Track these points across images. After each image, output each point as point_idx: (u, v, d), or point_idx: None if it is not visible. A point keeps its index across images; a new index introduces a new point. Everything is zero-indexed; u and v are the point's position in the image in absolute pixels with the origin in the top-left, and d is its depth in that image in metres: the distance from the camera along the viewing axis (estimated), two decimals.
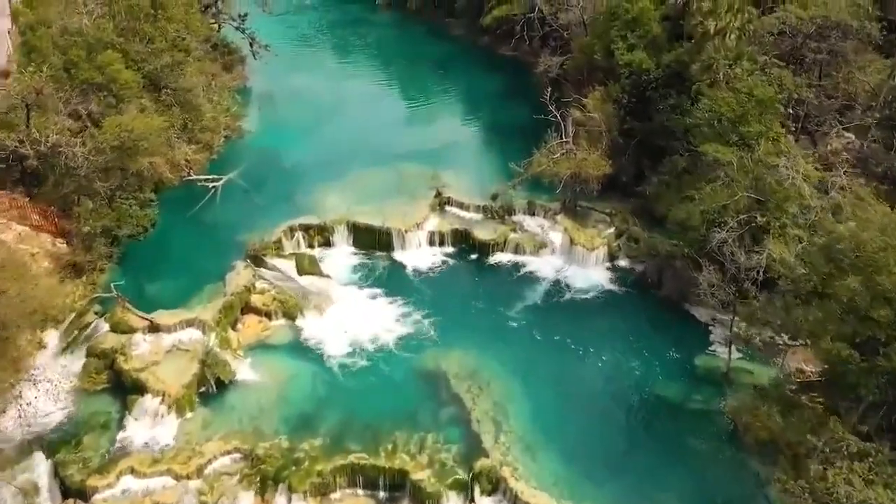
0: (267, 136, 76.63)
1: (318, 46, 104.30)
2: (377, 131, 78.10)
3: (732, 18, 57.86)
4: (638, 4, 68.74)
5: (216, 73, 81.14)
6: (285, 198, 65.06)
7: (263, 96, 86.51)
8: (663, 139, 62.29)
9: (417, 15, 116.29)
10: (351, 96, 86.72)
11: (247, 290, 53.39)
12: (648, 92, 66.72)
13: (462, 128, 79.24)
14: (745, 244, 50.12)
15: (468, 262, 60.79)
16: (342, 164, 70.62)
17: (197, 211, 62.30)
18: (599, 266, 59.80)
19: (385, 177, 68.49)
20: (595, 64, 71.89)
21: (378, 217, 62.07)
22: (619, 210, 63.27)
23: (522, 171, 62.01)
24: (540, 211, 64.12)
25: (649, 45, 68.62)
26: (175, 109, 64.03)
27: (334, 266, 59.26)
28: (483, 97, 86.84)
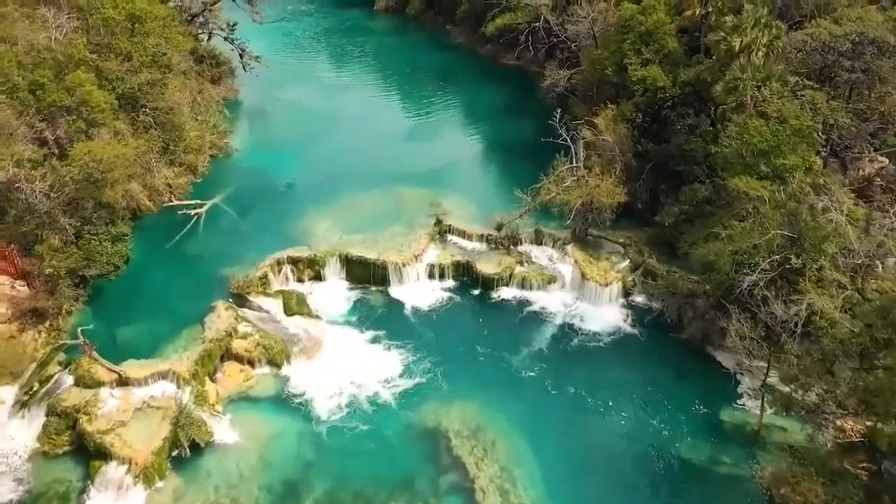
0: (256, 155, 71.09)
1: (313, 55, 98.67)
2: (374, 149, 72.54)
3: (759, 34, 52.23)
4: (652, 17, 63.22)
5: (203, 88, 75.72)
6: (273, 225, 59.62)
7: (254, 110, 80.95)
8: (681, 163, 56.76)
9: (416, 21, 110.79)
10: (347, 109, 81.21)
11: (228, 334, 47.91)
12: (664, 111, 61.27)
13: (464, 145, 73.58)
14: (778, 287, 44.75)
15: (470, 298, 55.24)
16: (336, 185, 65.19)
17: (177, 241, 56.95)
18: (613, 303, 54.27)
19: (381, 201, 62.99)
20: (606, 79, 66.34)
21: (373, 248, 56.57)
22: (633, 240, 57.68)
23: (529, 201, 56.34)
24: (548, 240, 58.57)
25: (665, 61, 63.17)
26: (154, 131, 58.47)
27: (325, 303, 53.72)
28: (486, 111, 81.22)
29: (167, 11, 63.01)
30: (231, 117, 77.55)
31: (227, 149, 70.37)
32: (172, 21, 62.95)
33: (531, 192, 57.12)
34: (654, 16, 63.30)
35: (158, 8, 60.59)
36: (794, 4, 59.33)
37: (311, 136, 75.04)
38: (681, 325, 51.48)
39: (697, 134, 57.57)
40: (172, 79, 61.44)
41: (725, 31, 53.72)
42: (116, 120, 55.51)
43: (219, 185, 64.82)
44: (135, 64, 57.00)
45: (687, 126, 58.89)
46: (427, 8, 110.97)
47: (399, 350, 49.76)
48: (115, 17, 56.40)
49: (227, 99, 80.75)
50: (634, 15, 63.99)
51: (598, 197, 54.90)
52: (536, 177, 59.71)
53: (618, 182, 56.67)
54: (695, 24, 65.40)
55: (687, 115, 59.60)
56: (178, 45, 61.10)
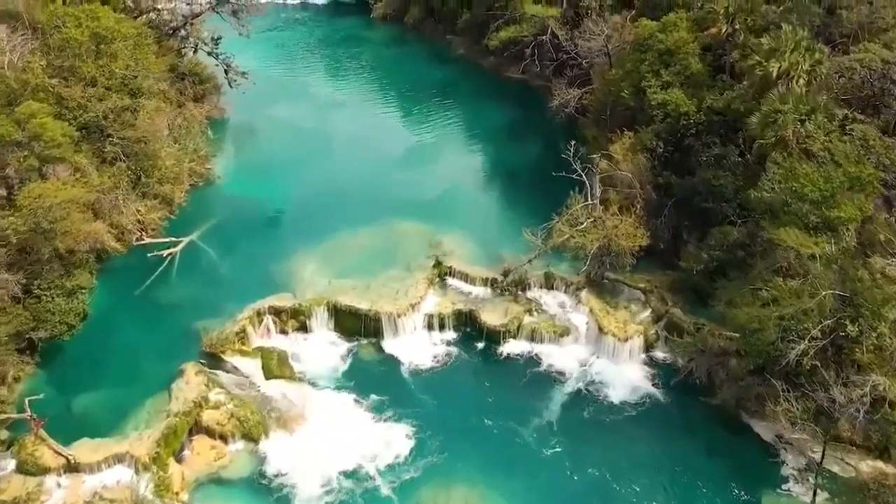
0: (240, 182, 64.38)
1: (306, 68, 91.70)
2: (369, 174, 65.83)
3: (800, 59, 45.51)
4: (673, 35, 56.54)
5: (184, 107, 69.00)
6: (256, 266, 53.01)
7: (241, 130, 74.06)
8: (709, 200, 50.22)
9: (415, 31, 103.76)
10: (341, 129, 74.37)
11: (197, 405, 41.28)
12: (688, 139, 54.66)
13: (466, 171, 66.80)
14: (829, 357, 38.25)
15: (474, 353, 48.63)
16: (326, 218, 58.57)
17: (147, 287, 50.35)
18: (634, 360, 47.68)
19: (375, 237, 56.36)
20: (621, 102, 59.60)
21: (365, 295, 49.95)
22: (654, 284, 51.02)
23: (540, 244, 49.61)
24: (559, 284, 51.92)
25: (687, 83, 56.56)
26: (122, 163, 51.77)
27: (310, 361, 47.18)
28: (489, 131, 74.50)
29: (139, 29, 56.17)
30: (215, 138, 70.81)
31: (209, 176, 63.69)
32: (145, 40, 56.05)
33: (542, 232, 50.38)
34: (675, 34, 56.72)
35: (127, 26, 53.84)
36: (835, 23, 52.51)
37: (301, 159, 68.33)
38: (711, 388, 44.85)
39: (726, 167, 51.01)
40: (145, 103, 54.57)
41: (761, 55, 47.01)
42: (78, 153, 48.87)
43: (197, 218, 58.17)
44: (99, 90, 50.19)
45: (713, 157, 52.42)
46: (427, 16, 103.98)
47: (393, 420, 43.20)
48: (78, 38, 49.63)
49: (211, 118, 74.03)
50: (653, 33, 57.38)
51: (616, 240, 48.23)
52: (546, 209, 53.60)
53: (638, 221, 50.07)
54: (718, 42, 58.78)
55: (713, 145, 53.11)
56: (150, 67, 54.13)
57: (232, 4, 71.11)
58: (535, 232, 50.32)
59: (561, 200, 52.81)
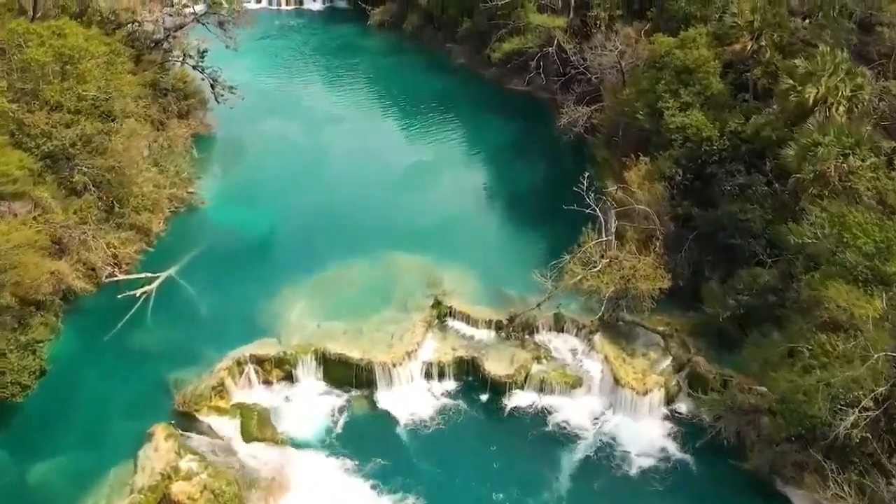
0: (225, 208, 59.23)
1: (299, 80, 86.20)
2: (364, 199, 60.60)
3: (840, 84, 40.31)
4: (693, 52, 51.29)
5: (167, 126, 63.83)
6: (238, 306, 48.00)
7: (229, 149, 68.64)
8: (734, 235, 45.06)
9: (414, 39, 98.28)
10: (335, 147, 69.20)
11: (166, 476, 36.14)
12: (710, 167, 49.52)
13: (468, 196, 61.54)
14: (882, 429, 33.20)
15: (477, 406, 43.52)
16: (317, 249, 53.57)
17: (118, 332, 45.29)
18: (654, 415, 42.59)
19: (369, 272, 51.34)
20: (636, 124, 54.41)
21: (357, 341, 44.94)
22: (674, 327, 45.90)
23: (550, 286, 44.42)
24: (570, 326, 46.81)
25: (708, 104, 51.42)
26: (90, 195, 46.62)
27: (295, 418, 42.04)
28: (493, 150, 69.32)
29: (111, 46, 50.91)
30: (200, 157, 65.59)
31: (192, 201, 58.58)
32: (118, 57, 50.81)
33: (552, 272, 45.13)
34: (694, 51, 51.49)
35: (97, 44, 48.56)
36: (873, 41, 47.28)
37: (292, 180, 63.21)
38: (741, 449, 39.80)
39: (753, 198, 45.90)
40: (118, 127, 49.36)
41: (795, 79, 41.78)
42: (40, 185, 43.72)
43: (177, 249, 53.04)
44: (65, 115, 45.03)
45: (737, 186, 47.32)
46: (426, 24, 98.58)
47: (388, 490, 38.12)
48: (40, 59, 44.43)
49: (198, 135, 68.83)
50: (671, 50, 52.10)
51: (634, 282, 43.11)
52: (555, 239, 49.45)
53: (658, 260, 44.90)
54: (741, 59, 53.64)
55: (737, 173, 48.06)
56: (124, 87, 48.88)
57: (218, 15, 65.74)
58: (545, 272, 44.97)
59: (571, 230, 47.81)
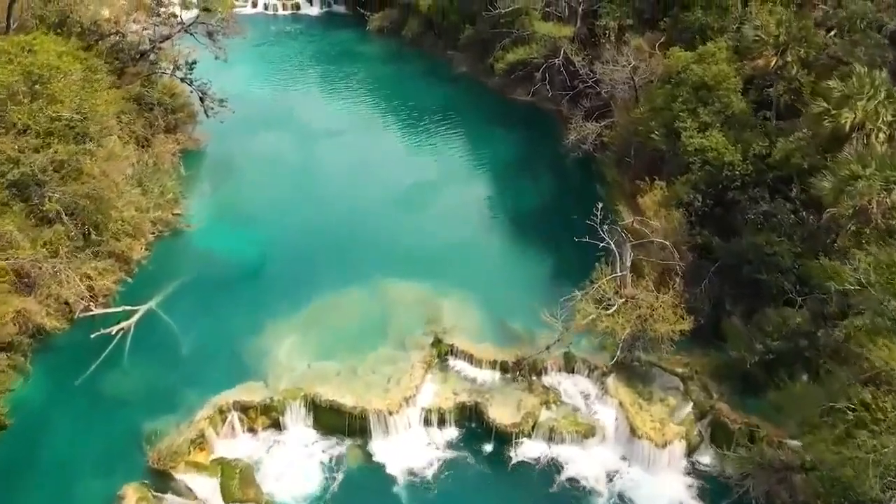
0: (213, 231, 55.24)
1: (296, 89, 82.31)
2: (360, 221, 56.66)
3: (882, 109, 36.31)
4: (712, 68, 47.28)
5: (152, 141, 59.90)
6: (223, 343, 44.21)
7: (218, 165, 64.71)
8: (760, 269, 41.11)
9: (414, 46, 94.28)
10: (330, 164, 65.41)
11: None
12: (731, 192, 45.53)
13: (470, 218, 57.50)
14: None
15: (481, 457, 39.60)
16: (309, 277, 49.66)
17: (91, 375, 41.48)
18: (675, 469, 38.72)
19: (364, 304, 47.54)
20: (650, 144, 50.41)
21: (350, 384, 41.16)
22: (695, 369, 41.94)
23: (561, 329, 40.42)
24: (581, 367, 42.85)
25: (728, 123, 47.43)
26: (62, 226, 42.70)
27: (281, 474, 38.10)
28: (496, 166, 65.37)
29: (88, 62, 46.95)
30: (188, 175, 61.60)
31: (177, 224, 54.60)
32: (95, 74, 46.82)
33: (561, 308, 41.11)
34: (713, 67, 47.45)
35: (71, 61, 44.62)
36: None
37: (284, 199, 59.34)
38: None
39: (779, 228, 41.99)
40: (95, 148, 45.46)
41: (830, 102, 37.78)
42: (5, 216, 39.77)
43: (159, 279, 49.13)
44: (33, 139, 41.10)
45: (762, 214, 43.39)
46: (426, 30, 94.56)
47: None
48: (5, 79, 40.44)
49: (186, 150, 64.88)
50: (688, 65, 48.07)
51: (651, 323, 39.14)
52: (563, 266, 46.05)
53: (678, 298, 40.90)
54: (763, 75, 49.63)
55: (761, 200, 44.05)
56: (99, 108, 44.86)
57: (207, 25, 61.71)
58: (554, 311, 40.91)
59: (581, 255, 44.34)
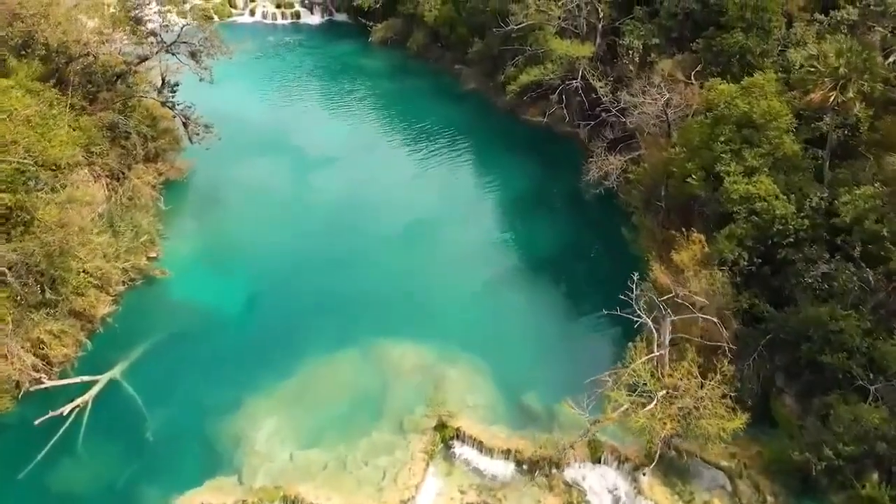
0: (191, 279, 48.70)
1: (292, 108, 75.64)
2: (355, 265, 50.20)
3: None
4: (760, 103, 40.36)
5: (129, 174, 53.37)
6: (194, 423, 37.97)
7: (202, 198, 58.20)
8: (822, 349, 34.35)
9: (420, 59, 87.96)
10: (326, 196, 58.92)
11: None
12: (784, 250, 38.66)
13: (479, 262, 50.71)
14: None
15: None
16: (296, 338, 43.40)
17: (37, 466, 35.08)
18: None
19: (356, 372, 41.30)
20: (686, 188, 43.55)
21: (339, 478, 34.94)
22: (742, 460, 35.26)
23: (588, 424, 33.70)
24: (610, 458, 36.14)
25: (778, 167, 40.62)
26: (8, 286, 36.20)
27: None
28: (510, 200, 58.91)
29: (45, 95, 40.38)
30: (168, 210, 55.10)
31: (152, 271, 48.06)
32: (52, 108, 40.25)
33: (589, 397, 34.29)
34: (762, 102, 40.50)
35: (19, 99, 38.02)
36: None
37: (273, 241, 52.83)
38: None
39: (842, 295, 35.28)
40: (47, 194, 38.93)
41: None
42: None
43: (126, 340, 42.74)
44: None
45: (820, 276, 36.61)
46: (432, 42, 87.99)
47: None
48: None
49: (170, 181, 58.42)
50: (733, 99, 41.15)
51: (698, 424, 32.37)
52: (587, 326, 39.40)
53: (727, 383, 34.06)
54: (816, 109, 42.73)
55: (819, 259, 37.29)
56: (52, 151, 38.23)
57: (189, 45, 55.05)
58: (580, 397, 34.18)
59: (609, 317, 37.58)
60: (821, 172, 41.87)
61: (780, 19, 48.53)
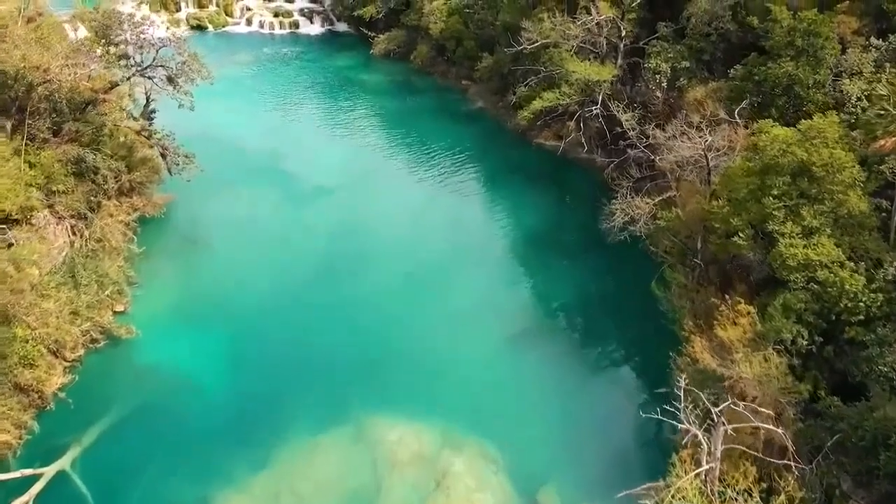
0: (162, 339, 42.32)
1: (287, 128, 69.43)
2: (348, 321, 43.82)
3: None
4: (822, 151, 33.78)
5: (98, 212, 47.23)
6: None
7: (181, 239, 51.68)
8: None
9: (424, 73, 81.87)
10: (318, 234, 52.67)
11: None
12: (852, 329, 32.14)
13: (489, 318, 44.15)
14: None
15: None
16: (277, 416, 37.24)
17: None
18: None
19: (345, 466, 35.14)
20: (732, 247, 36.98)
21: None
22: None
23: None
24: None
25: (842, 227, 34.09)
26: None
27: None
28: (522, 240, 52.68)
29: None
30: (142, 254, 48.71)
31: (117, 330, 41.73)
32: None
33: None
34: (823, 150, 33.89)
35: None
36: None
37: (257, 289, 46.49)
38: None
39: None
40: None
41: None
42: None
43: (82, 417, 36.49)
44: None
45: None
46: (437, 56, 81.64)
47: None
48: None
49: (146, 217, 52.17)
50: (789, 146, 34.56)
51: None
52: (620, 406, 34.25)
53: None
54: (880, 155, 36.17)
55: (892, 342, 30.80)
56: None
57: (166, 69, 48.72)
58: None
59: (643, 399, 31.48)
60: (887, 229, 35.35)
61: (836, 46, 41.93)
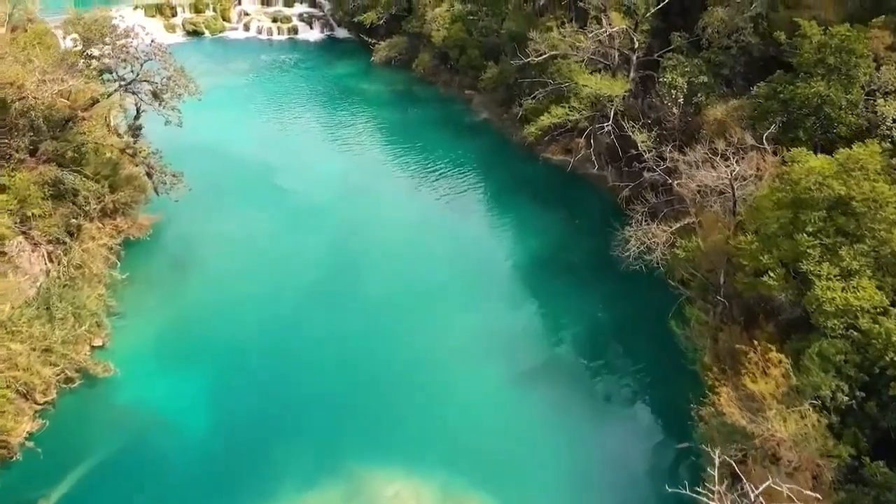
0: (143, 378, 39.10)
1: (283, 141, 66.20)
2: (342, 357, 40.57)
3: None
4: (863, 185, 30.39)
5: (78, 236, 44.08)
6: None
7: (167, 264, 48.32)
8: None
9: (426, 82, 78.58)
10: (312, 257, 49.40)
11: None
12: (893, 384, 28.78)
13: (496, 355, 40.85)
14: None
15: None
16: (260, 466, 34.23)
17: None
18: None
19: None
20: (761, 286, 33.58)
21: None
22: None
23: None
24: None
25: (883, 268, 30.74)
26: None
27: None
28: (529, 266, 49.40)
29: None
30: (125, 279, 45.39)
31: (94, 368, 38.44)
32: None
33: None
34: (864, 183, 30.55)
35: None
36: None
37: (247, 320, 43.25)
38: None
39: None
40: None
41: None
42: None
43: (51, 470, 33.35)
44: None
45: None
46: (440, 64, 78.34)
47: None
48: None
49: (132, 239, 49.05)
50: (826, 179, 31.20)
51: None
52: (640, 457, 30.14)
53: None
54: None
55: None
56: None
57: (151, 84, 45.46)
58: None
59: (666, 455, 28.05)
60: None
61: (870, 64, 38.51)
